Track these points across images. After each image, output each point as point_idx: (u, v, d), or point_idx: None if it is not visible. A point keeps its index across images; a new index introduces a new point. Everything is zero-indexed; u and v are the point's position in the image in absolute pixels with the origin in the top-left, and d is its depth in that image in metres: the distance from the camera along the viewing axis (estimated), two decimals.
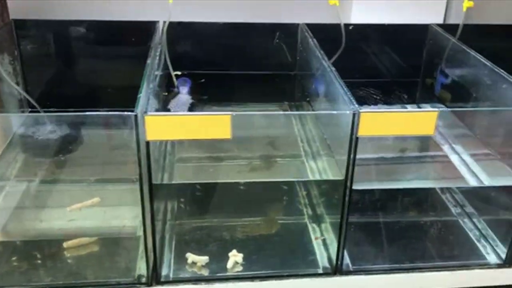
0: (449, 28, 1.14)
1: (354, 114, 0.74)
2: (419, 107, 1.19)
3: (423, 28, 1.17)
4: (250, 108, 1.14)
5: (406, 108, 1.18)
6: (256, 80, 1.18)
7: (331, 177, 0.88)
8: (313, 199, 1.03)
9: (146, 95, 0.77)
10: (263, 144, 0.96)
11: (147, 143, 0.73)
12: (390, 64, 1.22)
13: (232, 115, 0.71)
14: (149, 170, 0.75)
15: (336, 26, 1.11)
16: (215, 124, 0.72)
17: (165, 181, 0.90)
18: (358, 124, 0.75)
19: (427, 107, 1.18)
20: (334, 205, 0.87)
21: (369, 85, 1.22)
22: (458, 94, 1.08)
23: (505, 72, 0.89)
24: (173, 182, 0.91)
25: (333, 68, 0.89)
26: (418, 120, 0.75)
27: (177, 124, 0.72)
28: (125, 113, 0.71)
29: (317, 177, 0.91)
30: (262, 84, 1.18)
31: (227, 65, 1.17)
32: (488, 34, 1.19)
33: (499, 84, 0.91)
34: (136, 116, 0.71)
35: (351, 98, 0.78)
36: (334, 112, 0.82)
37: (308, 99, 1.07)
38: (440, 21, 1.18)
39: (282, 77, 1.19)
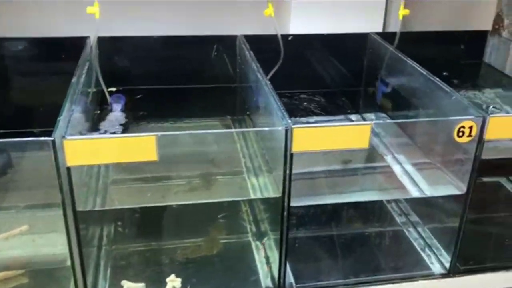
0: (389, 36, 1.14)
1: (286, 130, 0.72)
2: (362, 117, 1.18)
3: (363, 37, 1.16)
4: (190, 123, 1.10)
5: (350, 118, 1.17)
6: (196, 94, 1.15)
7: (271, 195, 0.85)
8: (257, 215, 1.00)
9: (66, 117, 0.72)
10: (203, 162, 0.92)
11: (68, 169, 0.68)
12: (332, 73, 1.21)
13: (157, 136, 0.67)
14: (72, 196, 0.70)
15: (276, 37, 1.09)
16: (140, 146, 0.68)
17: (97, 206, 0.85)
18: (291, 140, 0.72)
19: (370, 117, 1.17)
20: (276, 222, 0.85)
21: (312, 96, 1.20)
22: (398, 102, 1.08)
23: (439, 80, 0.89)
24: (106, 208, 0.86)
25: (268, 82, 0.86)
26: (352, 133, 0.73)
27: (99, 148, 0.68)
28: (42, 138, 0.66)
29: (258, 195, 0.88)
30: (203, 98, 1.15)
31: (165, 80, 1.13)
32: (425, 40, 1.20)
33: (436, 92, 0.90)
34: (53, 141, 0.66)
35: (284, 113, 0.75)
36: (266, 128, 0.80)
37: (248, 112, 1.04)
38: (380, 30, 1.18)
39: (223, 90, 1.16)
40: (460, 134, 0.77)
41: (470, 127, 0.77)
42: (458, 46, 1.20)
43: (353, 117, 1.18)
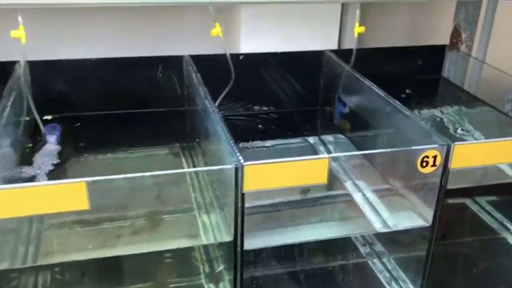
0: (345, 53, 1.08)
1: (236, 169, 0.64)
2: (320, 139, 1.12)
3: (318, 55, 1.10)
4: (136, 153, 1.01)
5: (307, 140, 1.11)
6: (142, 119, 1.06)
7: (223, 237, 0.77)
8: (211, 253, 0.92)
9: None
10: (149, 199, 0.83)
11: None
12: (288, 93, 1.15)
13: (87, 183, 0.59)
14: None
15: (226, 57, 1.03)
16: (69, 194, 0.59)
17: (29, 262, 0.75)
18: (242, 179, 0.65)
19: (328, 138, 1.11)
20: (230, 261, 0.77)
21: (268, 117, 1.14)
22: (357, 124, 1.02)
23: (399, 104, 0.84)
24: (36, 264, 0.76)
25: (216, 110, 0.79)
26: (309, 168, 0.67)
27: (23, 198, 0.59)
28: None
29: (210, 236, 0.80)
30: (149, 124, 1.06)
31: (107, 105, 1.04)
32: (383, 56, 1.15)
33: (396, 116, 0.85)
34: None
35: (234, 147, 0.68)
36: (214, 168, 0.72)
37: (197, 140, 0.96)
38: (335, 47, 1.13)
39: (170, 114, 1.07)
40: (424, 164, 0.71)
41: (434, 157, 0.71)
42: (416, 61, 1.16)
43: (311, 139, 1.12)
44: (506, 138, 0.74)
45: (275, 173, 0.66)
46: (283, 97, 1.14)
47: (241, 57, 1.06)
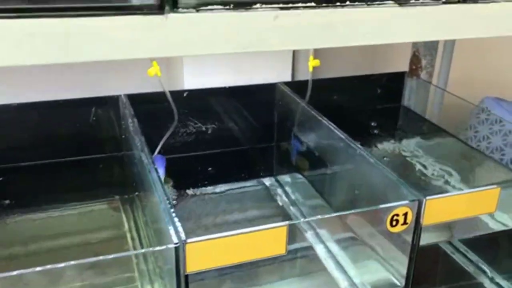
0: (299, 85, 1.00)
1: (176, 248, 0.54)
2: (277, 180, 1.03)
3: (270, 88, 1.02)
4: (70, 211, 0.89)
5: (263, 183, 1.02)
6: (76, 169, 0.94)
7: None
8: None
9: None
10: (83, 269, 0.72)
11: None
12: (241, 130, 1.05)
13: None
14: None
15: (171, 94, 0.92)
16: None
17: None
18: (185, 259, 0.55)
19: (285, 179, 1.02)
20: None
21: (219, 157, 1.04)
22: (315, 162, 0.94)
23: (360, 147, 0.76)
24: None
25: (153, 168, 0.68)
26: (267, 239, 0.57)
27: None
28: None
29: None
30: (84, 174, 0.94)
31: (34, 155, 0.91)
32: (339, 86, 1.07)
33: (355, 157, 0.77)
34: None
35: (175, 221, 0.57)
36: (150, 249, 0.62)
37: (137, 193, 0.85)
38: (289, 78, 1.04)
39: (107, 161, 0.95)
40: (394, 223, 0.63)
41: (405, 214, 0.63)
42: (375, 90, 1.09)
43: (267, 180, 1.03)
44: (482, 188, 0.66)
45: (223, 248, 0.56)
46: (234, 135, 1.04)
47: (185, 94, 0.96)
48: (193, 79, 0.98)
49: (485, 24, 0.55)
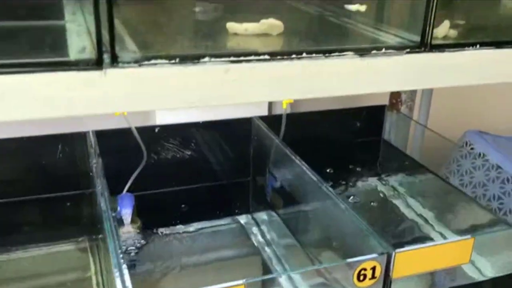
0: (275, 120, 0.97)
1: None
2: (253, 218, 0.99)
3: (246, 122, 0.99)
4: (36, 252, 0.86)
5: (238, 221, 0.98)
6: (41, 206, 0.91)
7: None
8: None
9: None
10: None
11: None
12: (215, 165, 1.02)
13: None
14: None
15: (138, 131, 0.90)
16: None
17: None
18: None
19: (262, 217, 0.98)
20: None
21: (192, 193, 1.00)
22: (288, 201, 0.91)
23: (333, 193, 0.73)
24: None
25: (109, 211, 0.65)
26: None
27: None
28: None
29: None
30: (50, 212, 0.91)
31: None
32: (317, 120, 1.04)
33: (320, 195, 0.75)
34: None
35: (124, 275, 0.54)
36: None
37: (100, 235, 0.82)
38: (265, 112, 1.02)
39: (75, 198, 0.92)
40: (361, 277, 0.60)
41: (373, 268, 0.60)
42: (354, 124, 1.07)
43: (243, 218, 0.99)
44: (456, 239, 0.63)
45: None
46: (209, 170, 1.01)
47: (156, 130, 0.93)
48: (166, 114, 0.95)
49: (453, 73, 0.52)
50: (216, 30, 0.52)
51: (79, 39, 0.46)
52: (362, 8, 0.55)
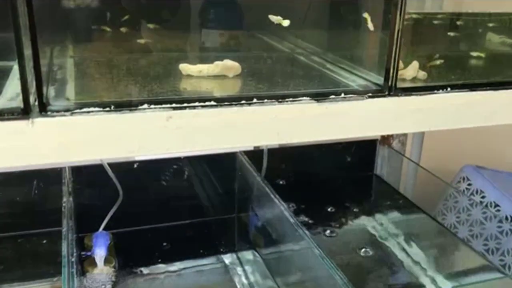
0: (261, 154, 0.95)
1: None
2: (238, 257, 0.95)
3: (230, 157, 0.96)
4: None
5: (223, 261, 0.94)
6: (16, 244, 0.88)
7: None
8: None
9: None
10: None
11: None
12: (199, 201, 0.99)
13: None
14: None
15: (116, 166, 0.87)
16: None
17: None
18: None
19: (246, 256, 0.94)
20: None
21: (175, 230, 0.97)
22: (269, 242, 0.87)
23: (300, 226, 0.69)
24: None
25: (69, 258, 0.62)
26: None
27: None
28: None
29: None
30: (26, 250, 0.88)
31: None
32: (308, 154, 1.01)
33: (298, 239, 0.71)
34: None
35: None
36: None
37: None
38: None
39: (51, 236, 0.89)
40: None
41: None
42: (344, 158, 1.03)
43: (227, 257, 0.95)
44: None
45: None
46: (192, 206, 0.98)
47: (135, 165, 0.90)
48: None
49: (421, 117, 0.49)
50: (168, 72, 0.50)
51: (18, 83, 0.43)
52: (285, 22, 0.51)
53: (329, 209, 1.00)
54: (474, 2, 0.72)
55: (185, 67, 0.48)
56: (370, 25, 0.49)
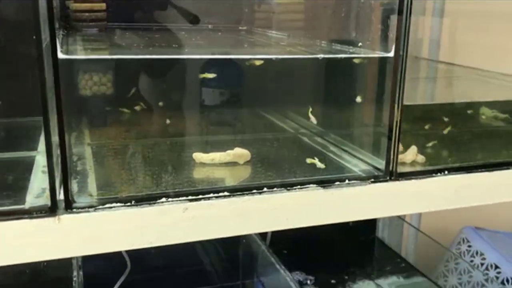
0: None
1: None
2: None
3: None
4: None
5: None
6: None
7: None
8: None
9: None
10: None
11: None
12: (202, 267, 1.00)
13: None
14: None
15: None
16: None
17: None
18: None
19: None
20: None
21: None
22: None
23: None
24: None
25: None
26: None
27: None
28: None
29: None
30: None
31: None
32: None
33: None
34: None
35: None
36: None
37: None
38: None
39: None
40: None
41: None
42: (347, 222, 1.04)
43: None
44: None
45: None
46: (198, 272, 0.99)
47: None
48: None
49: (421, 200, 0.52)
50: (183, 161, 0.53)
51: (42, 177, 0.46)
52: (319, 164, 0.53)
53: (329, 273, 1.01)
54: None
55: (198, 156, 0.51)
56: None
